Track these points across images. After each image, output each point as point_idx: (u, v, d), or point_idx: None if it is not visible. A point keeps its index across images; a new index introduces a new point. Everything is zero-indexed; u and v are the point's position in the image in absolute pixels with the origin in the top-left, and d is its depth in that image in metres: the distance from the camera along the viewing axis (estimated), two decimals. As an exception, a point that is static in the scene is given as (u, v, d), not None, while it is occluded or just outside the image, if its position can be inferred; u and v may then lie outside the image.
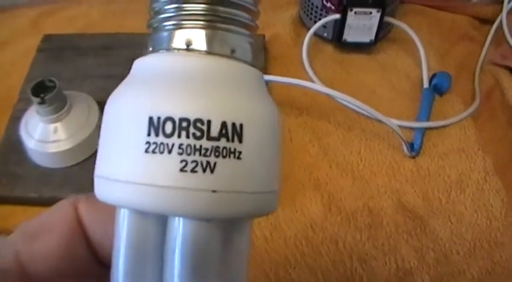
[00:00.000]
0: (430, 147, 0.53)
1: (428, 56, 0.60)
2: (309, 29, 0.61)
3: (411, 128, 0.54)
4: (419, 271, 0.44)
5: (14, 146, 0.49)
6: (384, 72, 0.61)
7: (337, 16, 0.58)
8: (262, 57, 0.59)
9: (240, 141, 0.14)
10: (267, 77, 0.53)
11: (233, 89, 0.14)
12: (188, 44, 0.15)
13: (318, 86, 0.50)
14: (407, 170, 0.51)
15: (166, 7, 0.15)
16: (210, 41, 0.15)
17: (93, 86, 0.55)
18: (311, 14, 0.62)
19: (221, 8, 0.15)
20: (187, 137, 0.13)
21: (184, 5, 0.15)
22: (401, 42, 0.63)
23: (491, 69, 0.62)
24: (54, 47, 0.61)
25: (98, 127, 0.49)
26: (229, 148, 0.14)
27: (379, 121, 0.49)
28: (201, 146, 0.13)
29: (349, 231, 0.47)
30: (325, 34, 0.62)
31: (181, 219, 0.14)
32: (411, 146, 0.51)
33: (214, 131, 0.13)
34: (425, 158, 0.52)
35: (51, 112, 0.46)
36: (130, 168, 0.14)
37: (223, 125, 0.13)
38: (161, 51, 0.15)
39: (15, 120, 0.51)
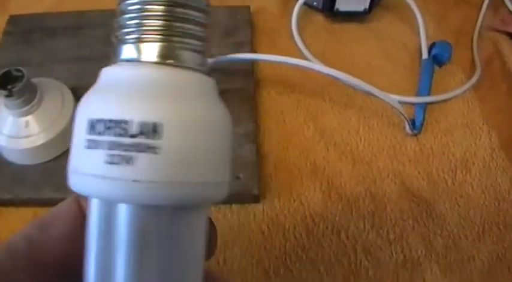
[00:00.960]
0: (432, 124, 0.50)
1: (425, 22, 0.56)
2: (297, -2, 0.56)
3: (412, 104, 0.50)
4: (427, 260, 0.42)
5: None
6: (379, 42, 0.57)
7: (328, -17, 0.54)
8: (248, 31, 0.54)
9: (159, 138, 0.16)
10: (255, 56, 0.49)
11: (160, 93, 0.17)
12: (138, 56, 0.17)
13: (310, 64, 0.46)
14: (410, 150, 0.48)
15: (128, 23, 0.18)
16: (158, 53, 0.17)
17: (65, 70, 0.51)
18: (299, -19, 0.58)
19: (175, 24, 0.17)
20: (114, 135, 0.16)
21: (144, 21, 0.17)
22: (396, 9, 0.59)
23: (490, 35, 0.59)
24: (22, 30, 0.56)
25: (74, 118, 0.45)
26: (148, 144, 0.16)
27: (379, 98, 0.45)
28: (123, 142, 0.16)
29: (351, 219, 0.44)
30: (316, 3, 0.57)
31: (124, 206, 0.17)
32: (413, 123, 0.48)
33: (135, 130, 0.16)
34: (428, 135, 0.49)
35: (20, 105, 0.42)
36: (80, 161, 0.17)
37: (143, 124, 0.16)
38: (118, 62, 0.18)
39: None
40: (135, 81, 0.17)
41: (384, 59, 0.55)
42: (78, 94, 0.48)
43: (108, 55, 0.19)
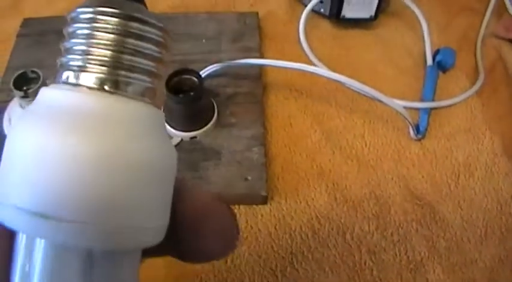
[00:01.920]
0: (436, 129, 0.51)
1: (430, 29, 0.57)
2: (305, 5, 0.57)
3: (416, 109, 0.51)
4: (430, 262, 0.43)
5: (-2, 141, 0.46)
6: (385, 48, 0.58)
7: (335, -9, 0.55)
8: (257, 37, 0.56)
9: None
10: (263, 61, 0.50)
11: (92, 125, 0.15)
12: (76, 82, 0.16)
13: (317, 69, 0.47)
14: (414, 154, 0.49)
15: (75, 47, 0.16)
16: (100, 82, 0.15)
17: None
18: (307, -12, 0.59)
19: (124, 56, 0.16)
20: None
21: (91, 49, 0.15)
22: (401, 15, 0.60)
23: (493, 42, 0.60)
24: (35, 32, 0.57)
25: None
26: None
27: (384, 103, 0.47)
28: None
29: (356, 221, 0.45)
30: (323, 10, 0.59)
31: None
32: (417, 128, 0.49)
33: None
34: (431, 140, 0.50)
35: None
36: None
37: None
38: (58, 83, 0.16)
39: (-3, 112, 0.48)
40: (70, 109, 0.15)
41: (389, 65, 0.56)
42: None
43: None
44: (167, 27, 0.17)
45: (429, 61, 0.55)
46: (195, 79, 0.45)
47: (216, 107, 0.48)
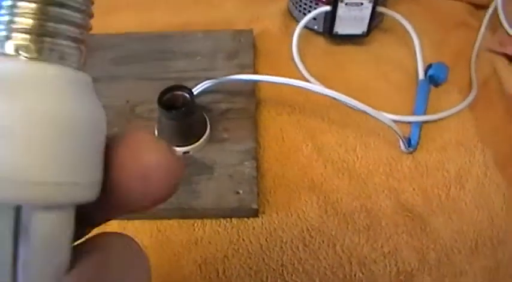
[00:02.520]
0: (427, 142, 0.51)
1: (423, 45, 0.58)
2: (298, 22, 0.59)
3: (408, 123, 0.52)
4: (420, 273, 0.43)
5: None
6: (377, 64, 0.59)
7: (328, 8, 0.56)
8: (251, 54, 0.57)
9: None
10: (256, 77, 0.51)
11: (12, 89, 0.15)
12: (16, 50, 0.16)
13: (309, 85, 0.48)
14: (405, 167, 0.49)
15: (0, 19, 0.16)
16: (22, 48, 0.16)
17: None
18: (300, 6, 0.60)
19: (49, 24, 0.16)
20: None
21: (15, 19, 0.16)
22: (394, 31, 0.61)
23: (488, 56, 0.61)
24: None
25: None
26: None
27: (374, 117, 0.47)
28: None
29: (347, 233, 0.45)
30: (316, 27, 0.60)
31: None
32: (408, 142, 0.50)
33: None
34: (423, 153, 0.50)
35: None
36: None
37: None
38: None
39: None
40: None
41: (382, 80, 0.57)
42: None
43: (116, 76, 0.19)
44: None
45: (421, 75, 0.55)
46: (187, 95, 0.46)
47: (208, 122, 0.49)
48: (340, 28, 0.57)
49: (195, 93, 0.48)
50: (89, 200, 0.17)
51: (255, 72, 0.56)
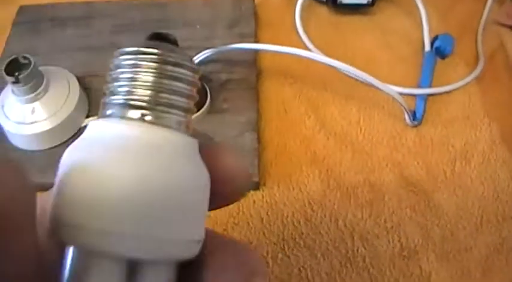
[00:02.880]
0: (433, 115, 0.50)
1: (429, 16, 0.56)
2: (302, -10, 0.57)
3: (413, 95, 0.51)
4: (424, 249, 0.42)
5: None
6: (382, 35, 0.57)
7: (332, -24, 0.54)
8: (252, 23, 0.55)
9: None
10: (257, 46, 0.50)
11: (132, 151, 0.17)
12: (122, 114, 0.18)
13: (312, 54, 0.47)
14: (410, 141, 0.48)
15: (119, 89, 0.18)
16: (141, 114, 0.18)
17: (73, 60, 0.51)
18: (304, -27, 0.58)
19: (163, 95, 0.18)
20: None
21: (134, 90, 0.18)
22: (400, 2, 0.59)
23: (495, 29, 0.59)
24: (31, 20, 0.57)
25: (79, 104, 0.46)
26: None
27: (379, 89, 0.46)
28: None
29: (349, 208, 0.44)
30: (320, -5, 0.58)
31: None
32: (413, 115, 0.48)
33: None
34: (428, 127, 0.49)
35: (27, 91, 0.43)
36: None
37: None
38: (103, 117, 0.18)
39: (-9, 100, 0.47)
40: (117, 137, 0.18)
41: (387, 51, 0.55)
42: (84, 82, 0.49)
43: (116, 45, 0.20)
44: (197, 67, 0.19)
45: (427, 47, 0.54)
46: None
47: (209, 93, 0.48)
48: (344, -3, 0.56)
49: (194, 62, 0.47)
50: (193, 256, 0.19)
51: (256, 42, 0.54)
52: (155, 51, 0.18)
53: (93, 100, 0.49)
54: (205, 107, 0.47)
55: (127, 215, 0.16)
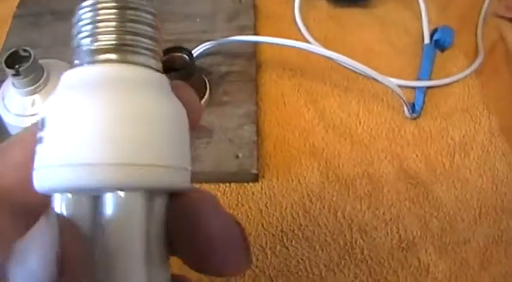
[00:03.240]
0: (432, 108, 0.50)
1: (429, 8, 0.56)
2: (301, -17, 0.57)
3: (412, 88, 0.51)
4: (422, 241, 0.42)
5: (-8, 121, 0.46)
6: (382, 27, 0.57)
7: (331, -32, 0.54)
8: (252, 16, 0.55)
9: (43, 129, 0.17)
10: (257, 38, 0.50)
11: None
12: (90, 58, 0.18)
13: (312, 47, 0.47)
14: (409, 133, 0.48)
15: (84, 28, 0.19)
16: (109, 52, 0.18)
17: (72, 52, 0.51)
18: (303, -34, 0.58)
19: (127, 36, 0.18)
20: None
21: (99, 36, 0.18)
22: (400, -6, 0.59)
23: (495, 21, 0.59)
24: (32, 13, 0.57)
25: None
26: (40, 137, 0.17)
27: (378, 81, 0.46)
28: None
29: (348, 200, 0.44)
30: (319, -12, 0.58)
31: None
32: (412, 107, 0.48)
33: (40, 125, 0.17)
34: (427, 119, 0.49)
35: (27, 84, 0.43)
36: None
37: (41, 120, 0.18)
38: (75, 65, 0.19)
39: (-9, 93, 0.47)
40: (91, 80, 0.18)
41: (386, 44, 0.55)
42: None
43: None
44: (154, 11, 0.19)
45: (426, 40, 0.54)
46: (186, 57, 0.44)
47: (208, 85, 0.48)
48: (344, -11, 0.56)
49: (194, 55, 0.47)
50: (184, 186, 0.18)
51: (256, 35, 0.54)
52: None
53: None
54: (204, 99, 0.47)
55: (115, 146, 0.17)
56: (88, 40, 0.18)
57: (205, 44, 0.49)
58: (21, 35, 0.55)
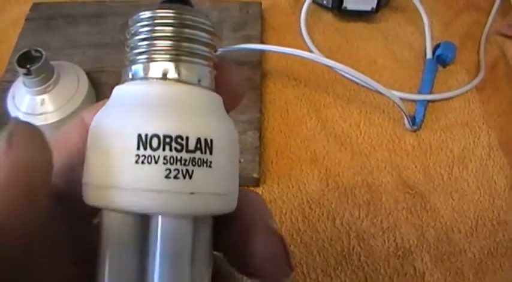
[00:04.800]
0: (432, 121, 0.51)
1: (432, 24, 0.58)
2: (308, -4, 0.58)
3: (413, 101, 0.52)
4: (419, 250, 0.43)
5: (2, 119, 0.47)
6: (385, 41, 0.58)
7: (337, -18, 0.56)
8: (259, 26, 0.56)
9: (211, 153, 0.17)
10: (264, 47, 0.51)
11: (202, 111, 0.18)
12: (164, 73, 0.18)
13: (316, 56, 0.48)
14: (408, 144, 0.49)
15: (140, 44, 0.18)
16: (179, 71, 0.18)
17: (83, 55, 0.53)
18: (310, -20, 0.60)
19: (184, 44, 0.18)
20: (170, 150, 0.16)
21: (155, 42, 0.18)
22: (404, 10, 0.61)
23: (497, 39, 0.60)
24: (44, 16, 0.58)
25: (87, 98, 0.47)
26: (203, 158, 0.17)
27: (380, 93, 0.47)
28: (181, 157, 0.16)
29: (347, 207, 0.45)
30: (325, 1, 0.59)
31: (161, 217, 0.17)
32: (413, 120, 0.49)
33: (192, 145, 0.17)
34: (427, 131, 0.50)
35: (37, 83, 0.44)
36: (124, 176, 0.17)
37: (198, 140, 0.17)
38: (138, 80, 0.18)
39: (2, 92, 0.48)
40: (180, 99, 0.18)
41: (389, 58, 0.56)
42: (93, 77, 0.50)
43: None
44: (213, 25, 0.19)
45: (429, 54, 0.55)
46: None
47: (214, 91, 0.49)
48: (349, 3, 0.57)
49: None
50: (231, 210, 0.19)
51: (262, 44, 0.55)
52: (170, 11, 0.18)
53: (101, 95, 0.50)
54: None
55: (223, 178, 0.18)
56: (143, 52, 0.18)
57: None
58: (33, 37, 0.56)
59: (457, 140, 0.50)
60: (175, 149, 0.16)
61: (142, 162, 0.16)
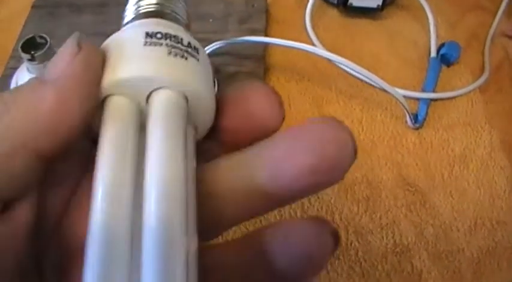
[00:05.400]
0: (434, 119, 0.51)
1: (438, 24, 0.58)
2: (314, -9, 0.58)
3: (416, 99, 0.51)
4: (417, 247, 0.43)
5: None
6: (390, 39, 0.58)
7: (343, -22, 0.55)
8: (263, 20, 0.56)
9: (198, 54, 0.21)
10: (267, 39, 0.51)
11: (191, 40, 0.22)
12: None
13: (320, 50, 0.48)
14: (410, 142, 0.49)
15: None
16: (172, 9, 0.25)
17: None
18: (316, -25, 0.59)
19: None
20: (171, 41, 0.20)
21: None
22: (410, 8, 0.60)
23: (502, 41, 0.60)
24: (50, 4, 0.58)
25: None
26: (193, 54, 0.20)
27: (383, 90, 0.47)
28: (179, 47, 0.20)
29: (346, 203, 0.45)
30: (331, -2, 0.59)
31: (160, 91, 0.19)
32: (415, 118, 0.49)
33: (185, 43, 0.20)
34: (429, 130, 0.50)
35: (41, 70, 0.44)
36: (134, 55, 0.20)
37: (189, 42, 0.21)
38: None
39: (6, 78, 0.48)
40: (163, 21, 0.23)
41: (393, 55, 0.56)
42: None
43: None
44: None
45: (433, 53, 0.55)
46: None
47: (217, 83, 0.49)
48: (355, 0, 0.56)
49: (204, 53, 0.48)
50: (211, 108, 0.21)
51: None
52: None
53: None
54: (212, 96, 0.48)
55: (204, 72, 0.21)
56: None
57: (215, 43, 0.50)
58: (37, 25, 0.56)
59: (459, 139, 0.50)
60: (174, 41, 0.20)
61: (150, 44, 0.20)
